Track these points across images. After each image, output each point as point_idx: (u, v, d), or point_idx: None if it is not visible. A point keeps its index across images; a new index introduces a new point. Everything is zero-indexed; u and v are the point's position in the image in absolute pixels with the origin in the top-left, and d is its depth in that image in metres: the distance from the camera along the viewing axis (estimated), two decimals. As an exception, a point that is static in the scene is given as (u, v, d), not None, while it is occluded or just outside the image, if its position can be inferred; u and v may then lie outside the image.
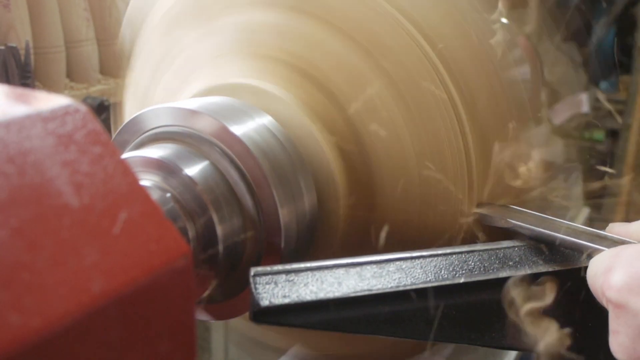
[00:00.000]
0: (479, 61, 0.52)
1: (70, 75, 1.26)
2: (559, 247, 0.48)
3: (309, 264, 0.43)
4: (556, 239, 0.47)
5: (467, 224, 0.53)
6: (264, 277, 0.41)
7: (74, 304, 0.27)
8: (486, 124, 0.52)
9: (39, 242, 0.27)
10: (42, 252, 0.27)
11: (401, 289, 0.43)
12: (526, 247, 0.49)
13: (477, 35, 0.52)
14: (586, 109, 0.58)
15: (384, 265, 0.44)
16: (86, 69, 1.27)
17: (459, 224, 0.53)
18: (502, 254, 0.48)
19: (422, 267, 0.45)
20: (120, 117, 0.70)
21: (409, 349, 0.58)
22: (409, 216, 0.53)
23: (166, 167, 0.47)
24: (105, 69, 1.30)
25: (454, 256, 0.47)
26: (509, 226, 0.50)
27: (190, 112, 0.49)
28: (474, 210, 0.53)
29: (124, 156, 0.48)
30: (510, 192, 0.54)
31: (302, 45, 0.54)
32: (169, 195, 0.46)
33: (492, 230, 0.52)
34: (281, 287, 0.41)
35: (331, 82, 0.53)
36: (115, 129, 0.69)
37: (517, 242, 0.49)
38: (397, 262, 0.45)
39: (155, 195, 0.45)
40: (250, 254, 0.49)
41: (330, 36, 0.53)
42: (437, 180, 0.52)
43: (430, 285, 0.44)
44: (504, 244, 0.49)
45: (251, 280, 0.41)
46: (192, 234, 0.46)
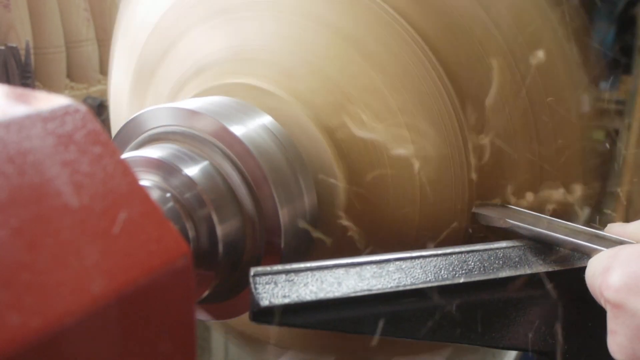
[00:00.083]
0: (476, 62, 0.52)
1: (70, 75, 1.26)
2: (557, 247, 0.48)
3: (308, 264, 0.43)
4: (554, 239, 0.47)
5: (466, 222, 0.53)
6: (263, 277, 0.41)
7: (74, 304, 0.27)
8: (485, 124, 0.52)
9: (39, 242, 0.27)
10: (42, 252, 0.27)
11: (401, 289, 0.43)
12: (526, 247, 0.49)
13: (475, 35, 0.52)
14: (586, 109, 0.58)
15: (383, 265, 0.44)
16: (86, 69, 1.27)
17: (459, 223, 0.53)
18: (501, 254, 0.48)
19: (422, 267, 0.45)
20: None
21: (407, 348, 0.59)
22: (409, 215, 0.53)
23: (166, 167, 0.47)
24: (105, 69, 1.30)
25: (453, 256, 0.47)
26: (507, 226, 0.50)
27: (190, 112, 0.49)
28: (473, 210, 0.53)
29: (124, 156, 0.48)
30: (508, 192, 0.54)
31: (300, 44, 0.54)
32: (169, 195, 0.46)
33: (491, 230, 0.52)
34: (281, 287, 0.41)
35: (330, 80, 0.53)
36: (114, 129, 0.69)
37: (516, 242, 0.49)
38: (397, 262, 0.45)
39: (155, 195, 0.45)
40: (250, 254, 0.49)
41: (327, 36, 0.53)
42: (437, 178, 0.52)
43: (430, 285, 0.44)
44: (504, 244, 0.49)
45: (251, 280, 0.41)
46: (192, 234, 0.46)
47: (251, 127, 0.51)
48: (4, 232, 0.26)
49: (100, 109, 1.07)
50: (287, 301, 0.41)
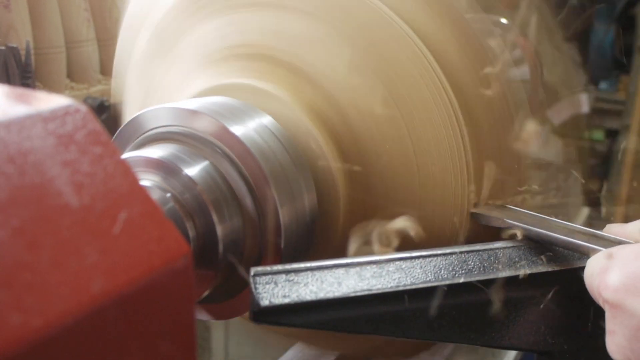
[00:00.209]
0: (475, 61, 0.52)
1: (70, 75, 1.26)
2: (556, 247, 0.48)
3: (309, 264, 0.43)
4: (553, 239, 0.47)
5: (466, 221, 0.53)
6: (264, 277, 0.42)
7: (74, 304, 0.27)
8: (483, 123, 0.52)
9: (40, 242, 0.27)
10: (43, 252, 0.27)
11: (401, 288, 0.43)
12: (525, 247, 0.49)
13: (474, 36, 0.52)
14: (586, 109, 0.58)
15: (383, 265, 0.44)
16: (86, 70, 1.27)
17: (458, 222, 0.53)
18: (501, 254, 0.48)
19: (421, 267, 0.45)
20: (120, 117, 0.70)
21: (407, 348, 0.59)
22: (409, 214, 0.53)
23: (166, 167, 0.47)
24: (105, 70, 1.30)
25: (453, 256, 0.47)
26: (506, 226, 0.50)
27: (190, 112, 0.49)
28: (472, 210, 0.53)
29: (124, 156, 0.48)
30: (508, 191, 0.54)
31: (298, 44, 0.54)
32: (169, 195, 0.46)
33: (490, 230, 0.52)
34: (281, 287, 0.41)
35: (330, 81, 0.53)
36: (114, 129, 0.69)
37: (516, 242, 0.49)
38: (397, 262, 0.45)
39: (155, 195, 0.45)
40: (250, 254, 0.49)
41: (324, 34, 0.53)
42: (436, 177, 0.52)
43: (430, 285, 0.44)
44: (504, 244, 0.49)
45: (251, 280, 0.41)
46: (192, 234, 0.46)
47: (251, 127, 0.51)
48: (4, 231, 0.26)
49: (100, 109, 1.07)
50: (287, 301, 0.41)
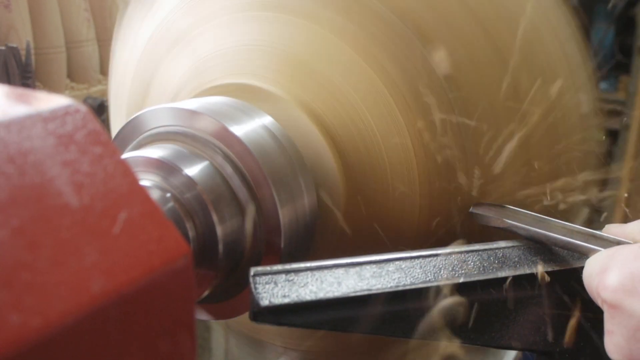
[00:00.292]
0: (477, 61, 0.53)
1: (70, 75, 1.26)
2: (555, 248, 0.48)
3: (308, 264, 0.43)
4: (552, 239, 0.47)
5: (466, 221, 0.53)
6: (263, 277, 0.42)
7: (74, 304, 0.27)
8: (484, 122, 0.52)
9: (39, 242, 0.27)
10: (43, 252, 0.27)
11: (400, 288, 0.43)
12: (525, 247, 0.49)
13: (473, 35, 0.53)
14: (585, 109, 0.58)
15: (383, 265, 0.45)
16: (87, 70, 1.27)
17: (458, 221, 0.53)
18: (501, 254, 0.48)
19: (421, 267, 0.45)
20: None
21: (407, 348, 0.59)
22: (409, 214, 0.53)
23: (166, 167, 0.47)
24: (105, 70, 1.30)
25: (453, 256, 0.47)
26: (505, 226, 0.50)
27: (190, 112, 0.49)
28: (470, 209, 0.53)
29: (124, 156, 0.48)
30: (507, 191, 0.54)
31: (300, 44, 0.54)
32: (169, 195, 0.46)
33: (489, 229, 0.52)
34: (281, 286, 0.41)
35: (330, 81, 0.53)
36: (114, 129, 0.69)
37: (515, 242, 0.49)
38: (397, 262, 0.45)
39: (155, 195, 0.45)
40: (250, 254, 0.49)
41: (327, 35, 0.53)
42: (436, 177, 0.52)
43: (429, 285, 0.44)
44: (503, 244, 0.49)
45: (251, 280, 0.41)
46: (192, 234, 0.46)
47: (251, 127, 0.51)
48: (4, 231, 0.26)
49: (100, 109, 1.07)
50: (287, 301, 0.41)
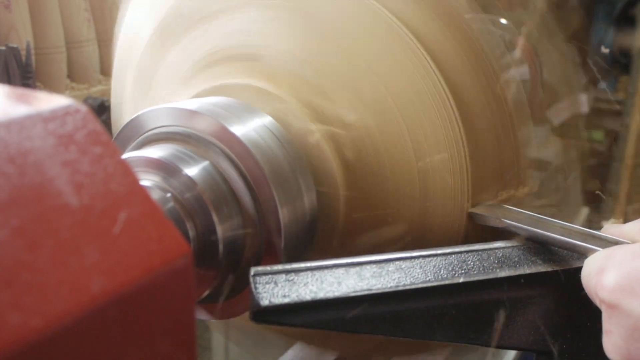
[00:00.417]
0: (474, 61, 0.52)
1: (71, 75, 1.26)
2: (554, 247, 0.48)
3: (308, 264, 0.43)
4: (551, 239, 0.47)
5: (466, 221, 0.53)
6: (263, 277, 0.42)
7: (74, 304, 0.27)
8: (481, 123, 0.52)
9: (40, 241, 0.27)
10: (43, 252, 0.27)
11: (400, 288, 0.43)
12: (525, 247, 0.49)
13: (473, 35, 0.53)
14: (585, 109, 0.58)
15: (383, 265, 0.45)
16: (87, 70, 1.27)
17: (458, 221, 0.53)
18: (500, 254, 0.48)
19: (421, 266, 0.45)
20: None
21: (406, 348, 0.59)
22: (409, 214, 0.53)
23: (166, 167, 0.47)
24: (106, 70, 1.30)
25: (453, 256, 0.47)
26: (503, 226, 0.50)
27: (190, 112, 0.49)
28: (470, 209, 0.53)
29: (124, 156, 0.48)
30: (506, 191, 0.54)
31: (300, 44, 0.54)
32: (169, 195, 0.46)
33: (487, 230, 0.52)
34: (281, 286, 0.41)
35: (329, 81, 0.53)
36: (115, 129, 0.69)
37: (515, 242, 0.49)
38: (397, 262, 0.45)
39: (155, 195, 0.45)
40: (250, 254, 0.49)
41: (326, 35, 0.53)
42: (435, 177, 0.52)
43: (429, 285, 0.44)
44: (503, 244, 0.49)
45: (251, 280, 0.41)
46: (192, 234, 0.46)
47: (251, 127, 0.51)
48: (4, 231, 0.26)
49: (100, 109, 1.07)
50: (287, 301, 0.41)
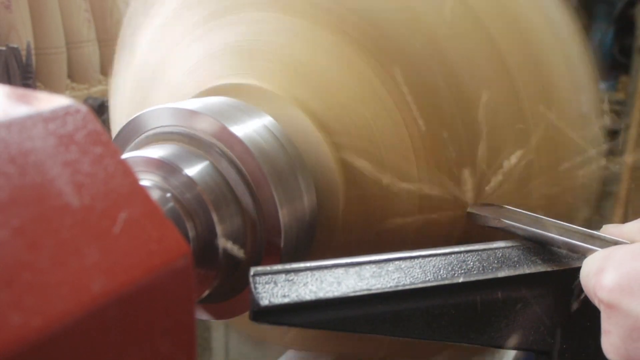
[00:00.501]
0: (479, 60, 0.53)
1: (71, 75, 1.26)
2: (552, 247, 0.48)
3: (308, 264, 0.43)
4: (549, 239, 0.47)
5: (463, 220, 0.53)
6: (263, 277, 0.42)
7: (74, 304, 0.27)
8: (482, 125, 0.53)
9: (40, 241, 0.27)
10: (43, 252, 0.27)
11: (400, 288, 0.44)
12: (524, 247, 0.49)
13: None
14: (585, 109, 0.58)
15: (383, 265, 0.45)
16: (87, 70, 1.27)
17: (458, 219, 0.53)
18: (500, 254, 0.48)
19: (421, 266, 0.45)
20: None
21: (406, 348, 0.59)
22: (409, 213, 0.54)
23: (166, 167, 0.47)
24: (106, 70, 1.30)
25: (452, 256, 0.47)
26: (502, 226, 0.50)
27: (190, 112, 0.49)
28: (468, 209, 0.53)
29: (125, 156, 0.48)
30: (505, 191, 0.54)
31: (300, 44, 0.54)
32: (169, 195, 0.46)
33: (485, 230, 0.52)
34: (281, 286, 0.41)
35: (329, 80, 0.53)
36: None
37: (514, 242, 0.49)
38: (396, 262, 0.45)
39: (155, 195, 0.46)
40: (250, 254, 0.49)
41: (326, 35, 0.53)
42: (435, 175, 0.52)
43: (429, 285, 0.44)
44: (502, 244, 0.49)
45: (251, 279, 0.41)
46: (192, 234, 0.46)
47: (251, 127, 0.51)
48: (5, 231, 0.26)
49: (101, 110, 1.07)
50: (286, 301, 0.41)
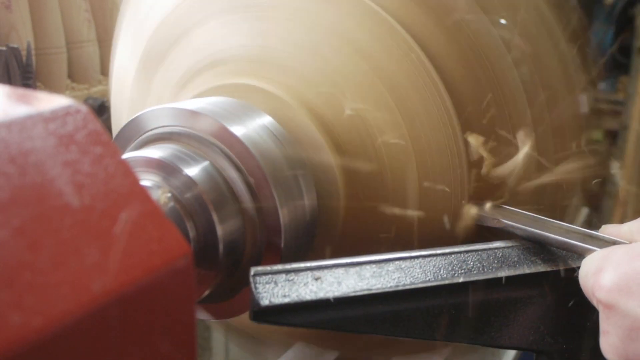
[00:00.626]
0: (472, 63, 0.53)
1: (71, 75, 1.26)
2: (551, 248, 0.48)
3: (308, 264, 0.43)
4: (548, 239, 0.47)
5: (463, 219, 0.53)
6: (263, 277, 0.42)
7: (74, 304, 0.27)
8: (478, 122, 0.53)
9: (40, 241, 0.27)
10: (43, 252, 0.27)
11: (400, 288, 0.44)
12: (524, 247, 0.49)
13: (471, 36, 0.53)
14: (585, 109, 0.58)
15: (383, 264, 0.45)
16: (87, 70, 1.27)
17: (456, 219, 0.53)
18: (500, 254, 0.48)
19: (421, 266, 0.45)
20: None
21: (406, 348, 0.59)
22: (409, 213, 0.54)
23: (166, 167, 0.47)
24: (106, 70, 1.30)
25: (452, 256, 0.47)
26: (501, 226, 0.50)
27: (190, 112, 0.49)
28: (467, 209, 0.53)
29: (125, 156, 0.48)
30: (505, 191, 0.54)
31: (300, 44, 0.54)
32: (169, 195, 0.46)
33: (485, 230, 0.52)
34: (281, 286, 0.41)
35: (329, 80, 0.53)
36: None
37: (514, 242, 0.49)
38: (396, 262, 0.45)
39: (155, 195, 0.46)
40: (250, 254, 0.49)
41: (326, 35, 0.53)
42: (435, 176, 0.52)
43: (429, 284, 0.44)
44: (502, 244, 0.49)
45: (251, 279, 0.41)
46: (192, 234, 0.46)
47: (251, 127, 0.51)
48: (5, 231, 0.26)
49: (101, 110, 1.07)
50: (287, 300, 0.41)
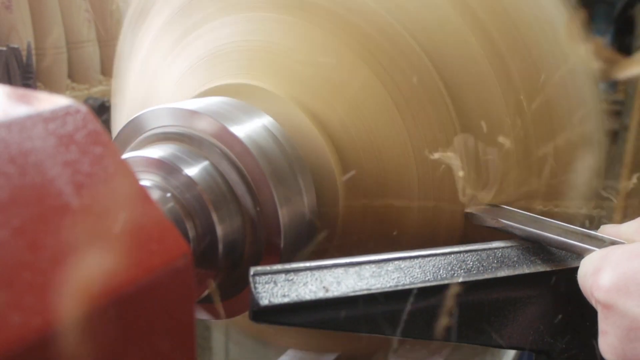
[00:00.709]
0: (471, 58, 0.53)
1: (71, 76, 1.26)
2: (550, 248, 0.48)
3: (308, 264, 0.43)
4: (547, 239, 0.47)
5: (462, 219, 0.53)
6: (263, 277, 0.42)
7: (74, 304, 0.27)
8: (477, 119, 0.53)
9: (40, 241, 0.27)
10: (43, 252, 0.27)
11: (400, 288, 0.44)
12: (523, 247, 0.49)
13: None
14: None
15: (382, 264, 0.45)
16: (87, 70, 1.27)
17: (457, 219, 0.53)
18: (500, 254, 0.48)
19: (420, 266, 0.45)
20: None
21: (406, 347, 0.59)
22: (409, 213, 0.54)
23: (166, 167, 0.47)
24: (106, 70, 1.30)
25: (452, 256, 0.47)
26: (500, 226, 0.50)
27: (190, 112, 0.49)
28: (465, 210, 0.53)
29: (125, 156, 0.48)
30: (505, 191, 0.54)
31: (300, 44, 0.54)
32: (169, 195, 0.46)
33: (484, 230, 0.52)
34: (281, 286, 0.42)
35: (329, 81, 0.53)
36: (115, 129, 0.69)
37: (513, 242, 0.49)
38: (396, 262, 0.45)
39: (155, 195, 0.46)
40: (250, 254, 0.49)
41: (326, 35, 0.53)
42: (434, 173, 0.52)
43: (429, 284, 0.44)
44: (502, 244, 0.49)
45: (251, 279, 0.41)
46: (192, 233, 0.46)
47: (251, 127, 0.51)
48: (5, 231, 0.26)
49: (101, 110, 1.07)
50: (286, 300, 0.41)
